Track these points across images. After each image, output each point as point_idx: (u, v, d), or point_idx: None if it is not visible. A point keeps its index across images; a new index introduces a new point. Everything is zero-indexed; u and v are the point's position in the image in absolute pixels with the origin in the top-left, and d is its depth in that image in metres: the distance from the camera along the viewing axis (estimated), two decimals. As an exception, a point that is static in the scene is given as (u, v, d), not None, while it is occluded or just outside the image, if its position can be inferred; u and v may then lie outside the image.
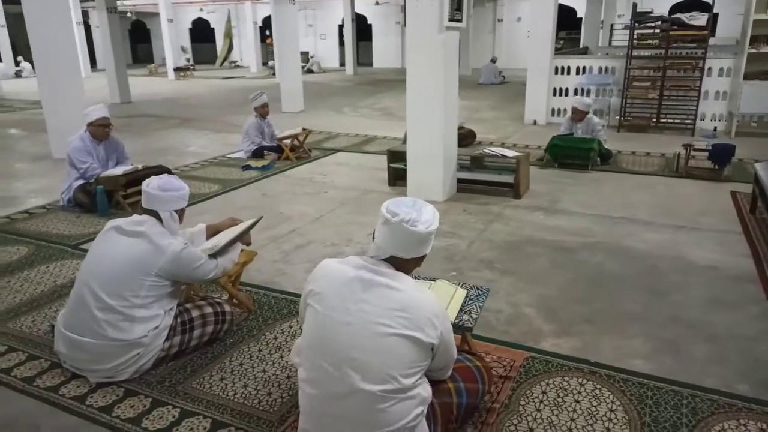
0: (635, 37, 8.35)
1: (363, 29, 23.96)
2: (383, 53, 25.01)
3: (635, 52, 8.43)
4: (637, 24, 8.38)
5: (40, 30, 6.51)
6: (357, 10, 22.16)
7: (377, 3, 23.88)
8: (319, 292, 1.73)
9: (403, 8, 21.66)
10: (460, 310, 2.28)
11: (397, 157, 5.48)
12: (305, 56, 21.92)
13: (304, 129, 7.00)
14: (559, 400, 2.21)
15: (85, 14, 23.56)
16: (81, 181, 4.76)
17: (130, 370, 2.30)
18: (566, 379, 2.34)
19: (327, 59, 25.52)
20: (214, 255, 2.53)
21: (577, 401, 2.20)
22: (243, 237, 2.75)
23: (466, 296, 2.39)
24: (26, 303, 3.09)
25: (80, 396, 2.24)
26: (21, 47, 21.32)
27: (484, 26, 22.83)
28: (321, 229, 4.34)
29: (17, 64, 21.42)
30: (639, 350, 2.58)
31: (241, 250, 2.80)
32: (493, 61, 17.25)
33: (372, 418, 1.61)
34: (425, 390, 1.72)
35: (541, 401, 2.20)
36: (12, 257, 3.76)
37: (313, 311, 1.72)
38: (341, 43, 24.20)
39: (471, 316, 2.26)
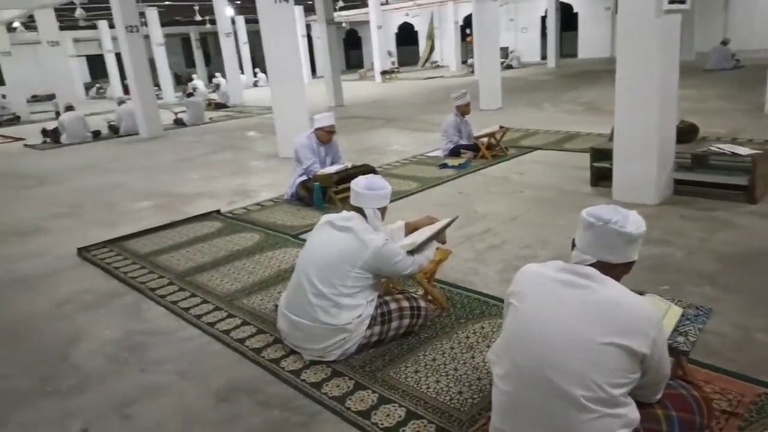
0: None
1: (567, 19, 22.71)
2: (590, 42, 23.40)
3: None
4: None
5: (272, 44, 7.50)
6: (562, -1, 21.08)
7: (585, -11, 22.41)
8: (519, 291, 1.74)
9: (615, -8, 19.96)
10: (674, 330, 2.04)
11: (601, 155, 5.09)
12: (504, 52, 21.57)
13: (501, 127, 6.91)
14: (803, 450, 1.84)
15: (307, 27, 26.51)
16: (303, 178, 5.37)
17: (337, 353, 2.54)
18: (813, 426, 1.94)
19: (527, 53, 24.78)
20: (412, 252, 2.66)
21: (828, 456, 1.81)
22: (439, 235, 2.84)
23: (682, 315, 2.13)
24: (257, 283, 3.61)
25: (296, 370, 2.55)
26: (258, 60, 24.90)
27: (713, 4, 19.87)
28: (515, 230, 4.26)
29: (255, 75, 25.04)
30: None
31: (437, 248, 2.89)
32: (725, 43, 14.94)
33: (570, 427, 1.54)
34: (632, 412, 1.59)
35: (777, 448, 1.86)
36: (247, 243, 4.42)
37: (513, 309, 1.74)
38: (543, 35, 23.31)
39: (687, 339, 2.01)
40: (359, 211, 2.66)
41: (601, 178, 5.11)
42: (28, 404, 2.50)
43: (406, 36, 30.69)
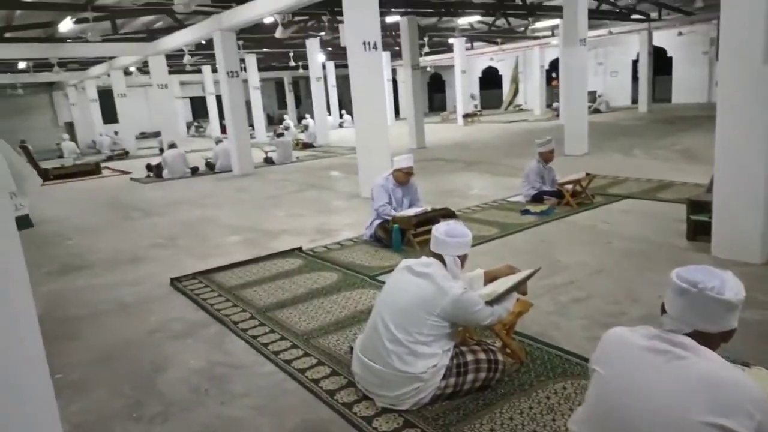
0: None
1: (660, 63, 21.91)
2: (685, 87, 22.35)
3: None
4: None
5: (360, 89, 7.79)
6: (655, 42, 20.41)
7: (680, 33, 21.60)
8: (604, 358, 1.63)
9: (714, 39, 19.08)
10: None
11: (700, 207, 4.78)
12: (592, 95, 21.10)
13: (587, 174, 6.69)
14: None
15: (393, 71, 27.36)
16: (381, 219, 5.44)
17: (410, 402, 2.50)
18: None
19: (617, 97, 24.09)
20: (491, 302, 2.60)
21: None
22: (520, 286, 2.76)
23: (796, 393, 1.90)
24: (333, 323, 3.65)
25: (368, 417, 2.52)
26: (345, 102, 25.95)
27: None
28: (602, 283, 4.05)
29: (341, 116, 26.04)
30: None
31: (517, 300, 2.80)
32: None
33: None
34: None
35: None
36: (326, 282, 4.51)
37: (597, 377, 1.63)
38: (634, 78, 22.62)
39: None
40: (439, 257, 2.65)
41: (699, 232, 4.78)
42: (115, 429, 2.64)
43: (490, 79, 30.85)
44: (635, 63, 22.18)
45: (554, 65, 24.55)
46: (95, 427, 2.66)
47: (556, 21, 17.10)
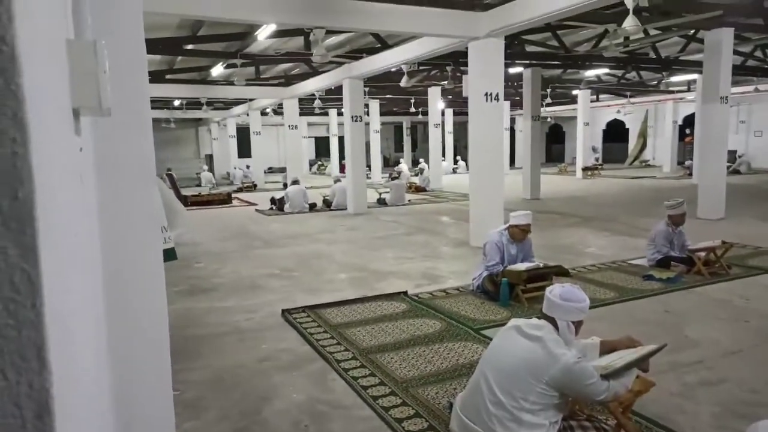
0: None
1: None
2: None
3: None
4: None
5: (478, 138, 7.83)
6: (812, 100, 18.44)
7: None
8: None
9: None
10: None
11: None
12: (732, 155, 19.37)
13: (723, 242, 6.09)
14: None
15: (511, 120, 27.17)
16: (489, 272, 5.34)
17: (512, 472, 2.37)
18: None
19: (760, 158, 21.94)
20: (607, 376, 2.42)
21: None
22: (641, 362, 2.55)
23: None
24: (433, 374, 3.60)
25: (464, 480, 2.43)
26: (460, 148, 26.17)
27: None
28: (737, 367, 3.61)
29: (455, 162, 26.20)
30: None
31: (637, 377, 2.58)
32: None
33: None
34: None
35: None
36: (429, 330, 4.47)
37: None
38: (784, 139, 20.53)
39: None
40: (551, 320, 2.53)
41: None
42: (222, 450, 2.78)
43: (615, 132, 29.56)
44: (786, 122, 20.16)
45: (689, 120, 22.98)
46: (203, 446, 2.81)
47: (694, 76, 16.10)
